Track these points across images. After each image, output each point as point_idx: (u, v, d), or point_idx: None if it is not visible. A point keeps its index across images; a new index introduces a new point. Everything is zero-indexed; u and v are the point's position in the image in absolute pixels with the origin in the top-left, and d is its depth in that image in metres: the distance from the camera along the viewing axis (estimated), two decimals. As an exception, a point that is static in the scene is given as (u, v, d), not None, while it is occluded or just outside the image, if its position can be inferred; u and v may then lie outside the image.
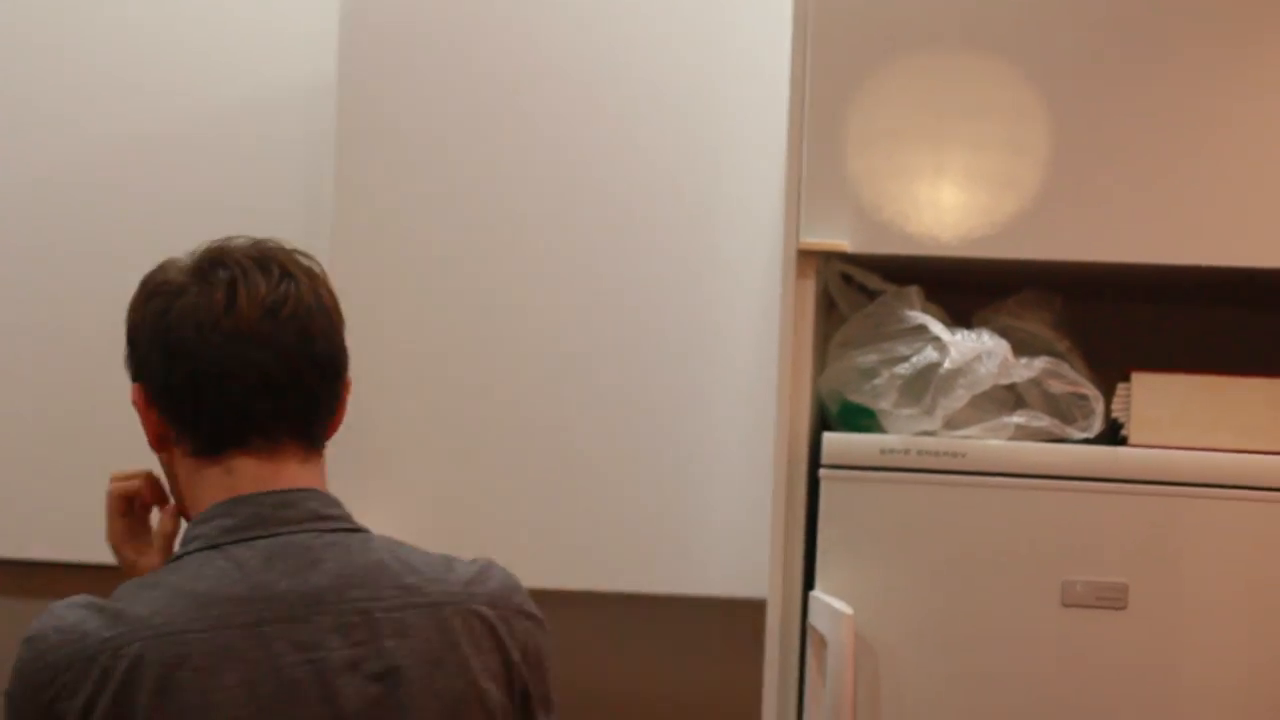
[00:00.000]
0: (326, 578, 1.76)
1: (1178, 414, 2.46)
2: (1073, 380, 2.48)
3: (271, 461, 1.82)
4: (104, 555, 2.04)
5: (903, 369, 2.47)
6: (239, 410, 1.80)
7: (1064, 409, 2.49)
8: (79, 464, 2.95)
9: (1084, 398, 2.48)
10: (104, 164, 3.10)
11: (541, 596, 1.91)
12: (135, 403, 1.86)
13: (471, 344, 2.82)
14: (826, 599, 2.40)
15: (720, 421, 2.77)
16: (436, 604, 1.80)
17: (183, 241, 1.90)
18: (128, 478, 2.03)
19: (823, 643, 2.40)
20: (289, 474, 1.83)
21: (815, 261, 2.50)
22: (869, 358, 2.50)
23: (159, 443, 1.86)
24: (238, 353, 1.79)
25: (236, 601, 1.72)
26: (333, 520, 1.83)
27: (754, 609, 2.48)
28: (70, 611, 1.72)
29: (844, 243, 2.48)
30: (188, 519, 1.87)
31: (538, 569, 1.93)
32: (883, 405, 2.47)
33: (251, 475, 1.81)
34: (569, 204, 2.81)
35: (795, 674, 2.46)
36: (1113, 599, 2.39)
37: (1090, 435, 2.46)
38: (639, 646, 2.97)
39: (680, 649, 2.96)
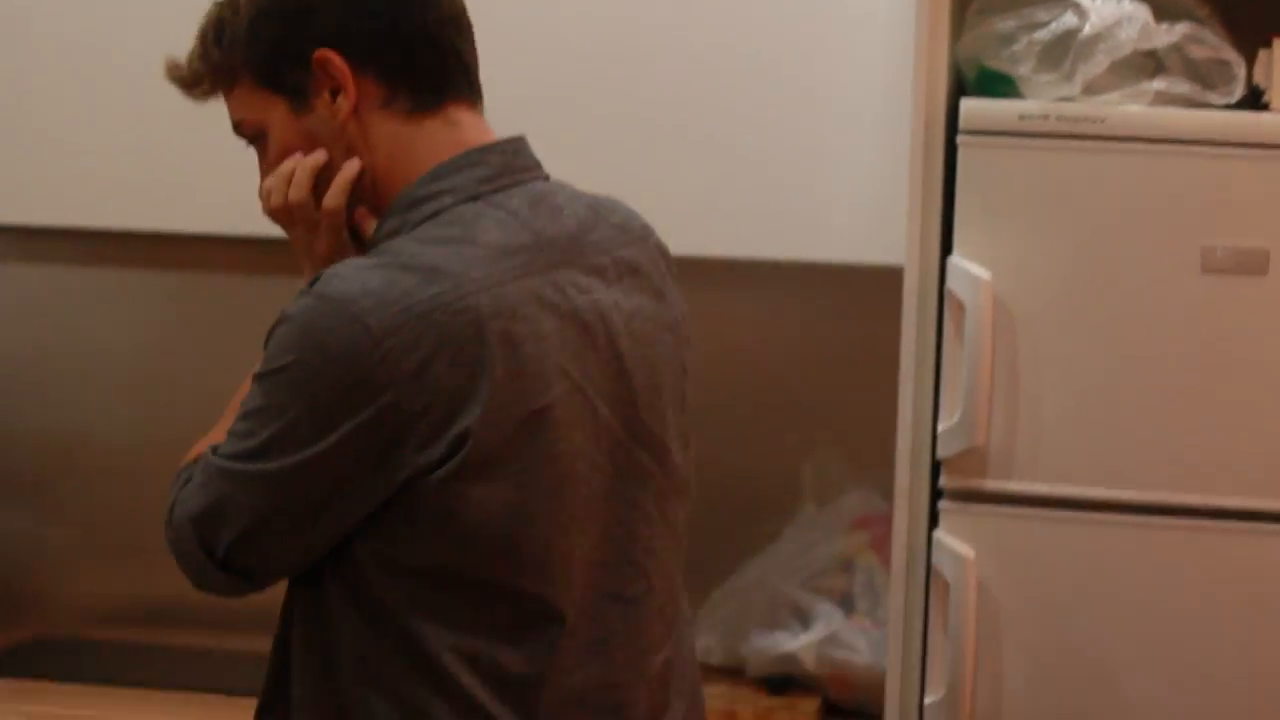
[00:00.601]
0: (573, 221, 1.75)
1: (1320, 79, 2.43)
2: (1214, 45, 2.44)
3: (480, 114, 1.79)
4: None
5: (1041, 34, 2.42)
6: (463, 59, 1.77)
7: (1205, 75, 2.44)
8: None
9: (1225, 63, 2.43)
10: None
11: (679, 263, 1.88)
12: (336, 72, 1.72)
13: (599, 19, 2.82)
14: (965, 264, 2.40)
15: (856, 87, 2.75)
16: (642, 239, 1.82)
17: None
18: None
19: (960, 308, 2.40)
20: (490, 127, 1.79)
21: (951, -72, 2.47)
22: (1007, 23, 2.45)
23: (355, 112, 1.73)
24: (451, 3, 1.77)
25: (526, 250, 1.68)
26: (542, 169, 1.80)
27: (892, 275, 2.49)
28: (371, 273, 1.61)
29: (980, -93, 2.45)
30: (375, 205, 1.77)
31: (672, 235, 1.91)
32: (1021, 71, 2.43)
33: (473, 126, 1.76)
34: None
35: (933, 339, 2.46)
36: (1253, 264, 2.38)
37: (1231, 101, 2.42)
38: (775, 313, 2.95)
39: (817, 315, 2.95)
